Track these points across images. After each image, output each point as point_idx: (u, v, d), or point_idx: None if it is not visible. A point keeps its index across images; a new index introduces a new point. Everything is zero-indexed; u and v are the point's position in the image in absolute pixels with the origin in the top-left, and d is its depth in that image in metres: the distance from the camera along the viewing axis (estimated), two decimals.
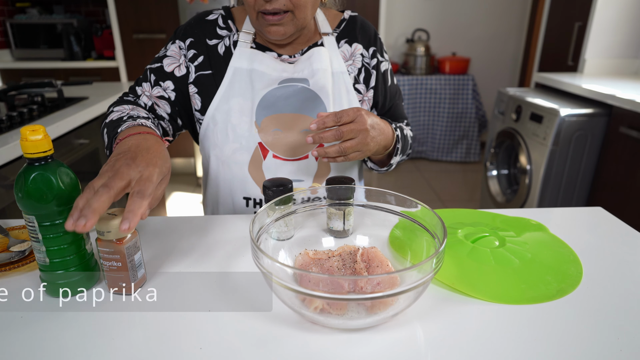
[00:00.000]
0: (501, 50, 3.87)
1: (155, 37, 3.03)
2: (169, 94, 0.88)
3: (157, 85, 0.87)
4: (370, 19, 3.17)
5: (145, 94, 0.87)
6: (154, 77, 0.87)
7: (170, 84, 0.87)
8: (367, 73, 0.94)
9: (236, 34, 0.89)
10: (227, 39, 0.89)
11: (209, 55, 0.88)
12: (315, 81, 0.86)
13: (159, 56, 0.89)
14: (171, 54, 0.88)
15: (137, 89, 0.88)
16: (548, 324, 0.53)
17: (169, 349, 0.49)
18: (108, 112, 0.82)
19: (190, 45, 0.88)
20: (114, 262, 0.56)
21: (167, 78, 0.87)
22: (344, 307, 0.51)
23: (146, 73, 0.89)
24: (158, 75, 0.87)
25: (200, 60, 0.88)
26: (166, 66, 0.87)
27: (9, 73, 2.87)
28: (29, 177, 0.52)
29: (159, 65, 0.88)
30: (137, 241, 0.58)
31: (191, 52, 0.88)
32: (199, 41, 0.88)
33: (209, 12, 0.91)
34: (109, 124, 0.77)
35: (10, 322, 0.53)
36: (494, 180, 2.42)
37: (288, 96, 0.86)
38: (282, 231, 0.66)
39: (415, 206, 0.62)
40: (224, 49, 0.88)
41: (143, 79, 0.88)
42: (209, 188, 0.95)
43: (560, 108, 1.86)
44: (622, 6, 2.24)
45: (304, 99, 0.87)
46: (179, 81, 0.88)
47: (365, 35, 0.94)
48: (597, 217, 0.85)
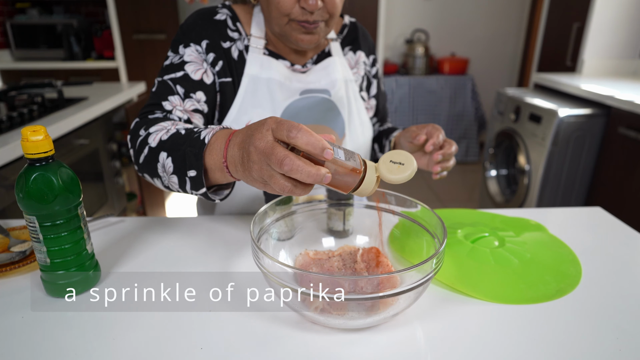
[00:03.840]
0: (500, 50, 3.87)
1: (155, 37, 3.03)
2: (202, 107, 0.77)
3: (189, 98, 0.75)
4: (370, 19, 3.17)
5: (177, 109, 0.74)
6: (181, 89, 0.75)
7: (201, 95, 0.76)
8: (368, 81, 0.96)
9: (246, 38, 0.82)
10: (239, 43, 0.81)
11: (226, 60, 0.80)
12: (336, 92, 0.85)
13: (173, 63, 0.77)
14: (191, 59, 0.77)
15: (165, 104, 0.74)
16: (547, 323, 0.54)
17: (169, 349, 0.49)
18: (142, 136, 0.66)
19: (208, 48, 0.78)
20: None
21: (198, 88, 0.76)
22: (344, 307, 0.51)
23: (167, 85, 0.75)
24: (186, 85, 0.75)
25: (220, 66, 0.79)
26: (191, 73, 0.76)
27: (9, 73, 2.87)
28: (30, 178, 0.52)
29: (183, 74, 0.75)
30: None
31: (211, 56, 0.78)
32: (215, 44, 0.79)
33: (213, 9, 0.82)
34: (167, 145, 0.61)
35: (11, 322, 0.54)
36: (493, 181, 2.42)
37: (311, 107, 0.84)
38: (283, 231, 0.66)
39: (415, 206, 0.62)
40: (237, 53, 0.81)
41: (167, 92, 0.75)
42: (219, 204, 0.91)
43: (559, 108, 1.86)
44: (621, 7, 2.24)
45: (324, 109, 0.85)
46: (210, 90, 0.78)
47: (366, 43, 0.95)
48: (595, 217, 0.85)
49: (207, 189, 0.59)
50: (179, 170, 0.59)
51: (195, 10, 0.83)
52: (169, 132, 0.63)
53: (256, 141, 0.46)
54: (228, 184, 0.63)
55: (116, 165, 1.89)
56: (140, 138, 0.67)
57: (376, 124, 1.02)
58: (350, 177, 0.49)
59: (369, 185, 0.50)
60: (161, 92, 0.75)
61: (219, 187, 0.62)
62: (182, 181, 0.59)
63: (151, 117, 0.71)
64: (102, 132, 1.75)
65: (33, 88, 1.59)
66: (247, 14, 0.84)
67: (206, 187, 0.58)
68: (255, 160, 0.46)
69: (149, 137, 0.65)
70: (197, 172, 0.57)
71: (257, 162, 0.46)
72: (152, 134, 0.65)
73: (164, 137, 0.63)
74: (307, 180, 0.44)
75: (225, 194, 0.62)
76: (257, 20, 0.83)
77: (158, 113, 0.73)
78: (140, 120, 0.72)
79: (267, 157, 0.44)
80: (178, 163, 0.59)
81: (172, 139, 0.62)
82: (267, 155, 0.45)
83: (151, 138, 0.64)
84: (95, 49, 3.08)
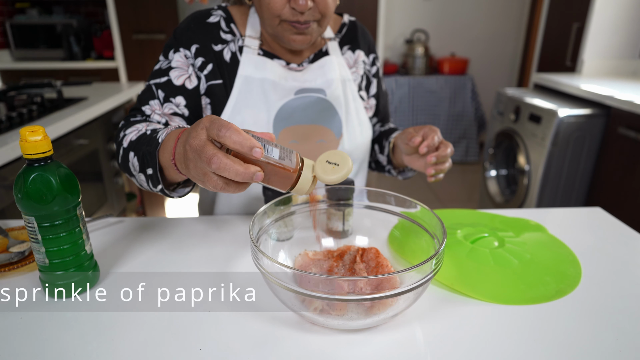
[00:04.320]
0: (500, 50, 3.88)
1: (154, 37, 3.03)
2: (182, 110, 0.80)
3: (168, 102, 0.78)
4: (370, 19, 3.17)
5: (156, 112, 0.78)
6: (162, 94, 0.78)
7: (181, 99, 0.79)
8: (367, 80, 0.95)
9: (241, 39, 0.82)
10: (232, 44, 0.82)
11: (217, 63, 0.81)
12: (332, 91, 0.85)
13: (161, 68, 0.79)
14: (177, 65, 0.79)
15: (145, 108, 0.78)
16: (547, 324, 0.54)
17: (168, 349, 0.49)
18: (120, 138, 0.71)
19: (197, 53, 0.80)
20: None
21: (178, 93, 0.79)
22: (344, 308, 0.51)
23: (151, 89, 0.78)
24: (167, 90, 0.78)
25: (209, 69, 0.80)
26: (174, 79, 0.79)
27: (8, 73, 2.87)
28: (29, 178, 0.52)
29: (167, 80, 0.78)
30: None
31: (199, 60, 0.80)
32: (205, 47, 0.80)
33: (207, 12, 0.83)
34: (134, 145, 0.66)
35: (10, 322, 0.53)
36: (492, 181, 2.42)
37: (305, 107, 0.83)
38: (282, 232, 0.66)
39: (415, 207, 0.62)
40: (230, 55, 0.82)
41: (149, 97, 0.78)
42: (219, 204, 0.92)
43: (559, 109, 1.86)
44: (621, 7, 2.24)
45: (320, 109, 0.85)
46: (191, 95, 0.80)
47: (366, 41, 0.95)
48: (595, 218, 0.85)
49: (169, 187, 0.64)
50: (142, 169, 0.64)
51: (192, 12, 0.84)
52: (139, 132, 0.68)
53: (191, 139, 0.47)
54: (191, 181, 0.66)
55: (116, 165, 1.89)
56: (118, 140, 0.72)
57: (377, 124, 1.01)
58: (284, 176, 0.50)
59: (304, 184, 0.51)
60: (144, 97, 0.79)
61: (184, 184, 0.67)
62: (147, 178, 0.64)
63: (132, 120, 0.77)
64: (102, 133, 1.75)
65: (32, 88, 1.59)
66: (243, 14, 0.85)
67: (163, 184, 0.62)
68: (190, 157, 0.48)
69: (124, 138, 0.70)
70: (152, 170, 0.61)
71: (192, 160, 0.48)
72: (127, 136, 0.70)
73: (133, 138, 0.68)
74: (236, 178, 0.46)
75: (186, 190, 0.67)
76: (253, 20, 0.83)
77: (139, 116, 0.78)
78: (124, 122, 0.76)
79: (199, 155, 0.46)
80: (140, 162, 0.64)
81: (138, 139, 0.66)
82: (198, 153, 0.47)
83: (125, 139, 0.70)
84: (94, 49, 3.08)
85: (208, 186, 0.48)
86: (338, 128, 0.87)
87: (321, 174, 0.52)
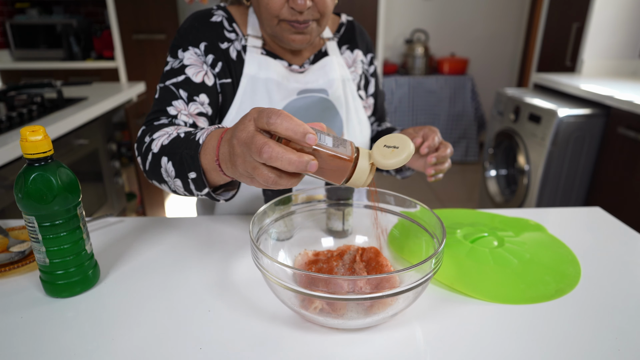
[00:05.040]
0: (500, 50, 3.88)
1: (154, 37, 3.03)
2: (206, 109, 0.77)
3: (192, 101, 0.75)
4: (369, 19, 3.17)
5: (182, 113, 0.74)
6: (184, 93, 0.75)
7: (204, 97, 0.76)
8: (366, 80, 0.95)
9: (243, 38, 0.82)
10: (236, 43, 0.81)
11: (225, 61, 0.80)
12: (334, 91, 0.85)
13: (174, 68, 0.77)
14: (190, 62, 0.77)
15: (169, 109, 0.74)
16: (546, 323, 0.54)
17: (168, 349, 0.49)
18: (147, 143, 0.67)
19: (207, 50, 0.78)
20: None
21: (200, 90, 0.76)
22: (344, 307, 0.51)
23: (169, 90, 0.75)
24: (188, 88, 0.75)
25: (220, 67, 0.79)
26: (192, 76, 0.76)
27: (8, 73, 2.87)
28: (29, 178, 0.52)
29: (185, 78, 0.75)
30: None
31: (210, 57, 0.78)
32: (213, 45, 0.79)
33: (209, 12, 0.82)
34: (168, 149, 0.61)
35: (10, 322, 0.54)
36: (492, 181, 2.42)
37: (308, 107, 0.84)
38: (282, 231, 0.67)
39: (414, 206, 0.62)
40: (235, 54, 0.81)
41: (170, 97, 0.75)
42: (218, 204, 0.91)
43: (559, 109, 1.86)
44: (620, 7, 2.24)
45: (322, 109, 0.85)
46: (212, 92, 0.78)
47: (364, 41, 0.95)
48: (595, 217, 0.85)
49: (213, 189, 0.59)
50: (180, 174, 0.59)
51: (192, 12, 0.83)
52: (170, 136, 0.63)
53: (238, 132, 0.45)
54: (234, 185, 0.62)
55: (116, 165, 1.89)
56: (145, 145, 0.67)
57: (374, 123, 1.02)
58: (339, 166, 0.45)
59: (361, 174, 0.47)
60: (165, 98, 0.75)
61: (225, 187, 0.62)
62: (186, 184, 0.59)
63: (156, 124, 0.72)
64: (102, 132, 1.75)
65: (32, 88, 1.59)
66: (243, 14, 0.85)
67: (209, 187, 0.58)
68: (238, 153, 0.45)
69: (152, 143, 0.65)
70: (196, 173, 0.56)
71: (240, 155, 0.45)
72: (155, 140, 0.65)
73: (165, 142, 0.63)
74: (289, 168, 0.42)
75: (231, 194, 0.61)
76: (253, 20, 0.83)
77: (163, 119, 0.73)
78: (145, 127, 0.72)
79: (248, 147, 0.43)
80: (178, 166, 0.59)
81: (171, 143, 0.61)
82: (247, 145, 0.43)
83: (154, 144, 0.65)
84: (94, 49, 3.08)
85: (258, 182, 0.45)
86: (339, 127, 0.87)
87: (380, 158, 0.47)
